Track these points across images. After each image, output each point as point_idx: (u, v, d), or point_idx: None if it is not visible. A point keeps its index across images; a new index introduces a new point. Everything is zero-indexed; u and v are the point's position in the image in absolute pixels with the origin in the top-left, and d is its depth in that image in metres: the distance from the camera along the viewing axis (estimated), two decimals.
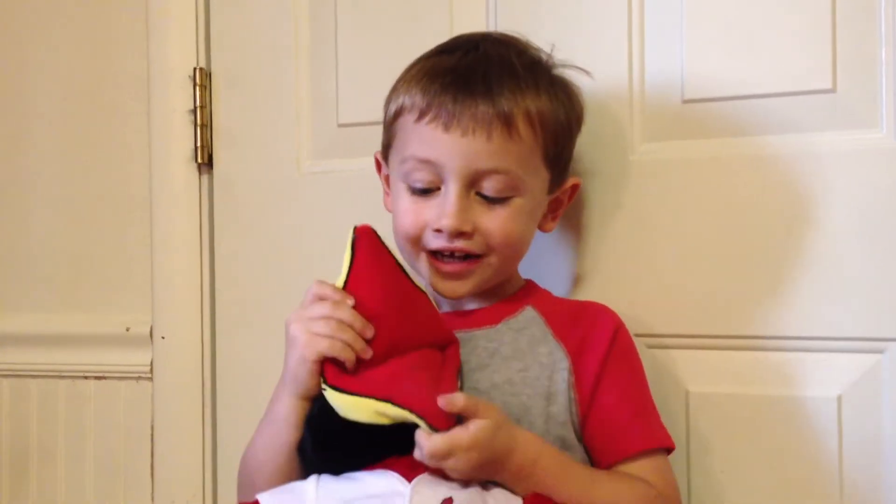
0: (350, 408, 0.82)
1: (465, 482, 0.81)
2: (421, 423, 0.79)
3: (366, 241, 0.88)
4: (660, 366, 1.06)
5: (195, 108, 1.31)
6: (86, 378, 1.40)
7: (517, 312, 0.97)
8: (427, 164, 0.92)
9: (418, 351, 0.87)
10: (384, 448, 0.83)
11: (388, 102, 0.98)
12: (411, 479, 0.80)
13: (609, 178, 1.08)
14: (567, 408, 0.91)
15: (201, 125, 1.31)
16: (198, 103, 1.31)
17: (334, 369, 0.84)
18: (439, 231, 0.92)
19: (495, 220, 0.93)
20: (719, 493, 1.04)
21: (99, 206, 1.41)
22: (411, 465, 0.81)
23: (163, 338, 1.34)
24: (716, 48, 1.04)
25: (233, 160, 1.31)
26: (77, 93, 1.41)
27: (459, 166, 0.91)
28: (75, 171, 1.42)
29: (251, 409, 0.96)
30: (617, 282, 1.08)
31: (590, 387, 0.92)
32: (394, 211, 0.98)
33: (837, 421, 1.00)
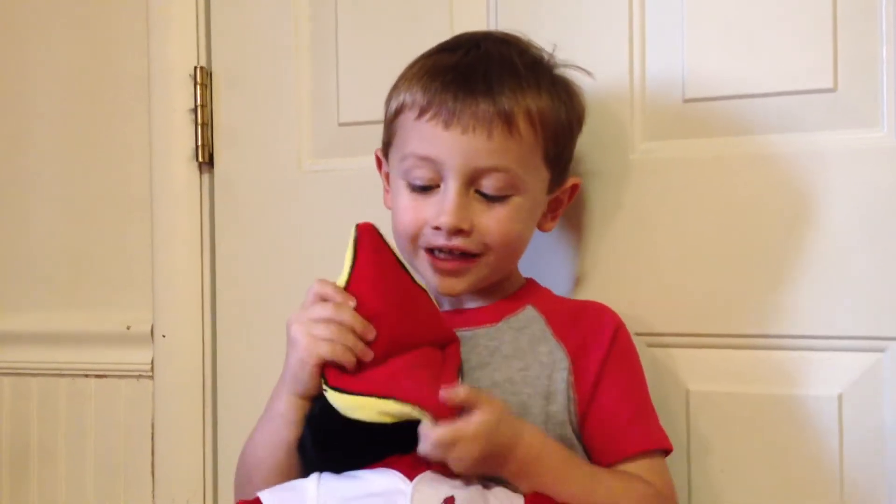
0: (352, 407, 0.82)
1: (466, 480, 0.81)
2: (424, 416, 0.79)
3: (367, 239, 0.88)
4: (660, 365, 1.06)
5: (196, 106, 1.31)
6: (86, 376, 1.40)
7: (518, 311, 0.97)
8: (427, 161, 0.92)
9: (419, 349, 0.87)
10: (385, 447, 0.82)
11: (389, 100, 0.98)
12: (413, 478, 0.80)
13: (610, 178, 1.08)
14: (566, 407, 0.91)
15: (202, 124, 1.31)
16: (198, 102, 1.31)
17: (335, 371, 0.84)
18: (438, 228, 0.92)
19: (494, 219, 0.93)
20: (720, 492, 1.04)
21: (100, 205, 1.41)
22: (413, 463, 0.81)
23: (163, 336, 1.34)
24: (717, 47, 1.04)
25: (233, 159, 1.31)
26: (77, 92, 1.41)
27: (459, 164, 0.91)
28: (76, 170, 1.42)
29: (252, 407, 0.96)
30: (617, 281, 1.08)
31: (589, 386, 0.92)
32: (393, 208, 0.98)
33: (838, 420, 1.00)
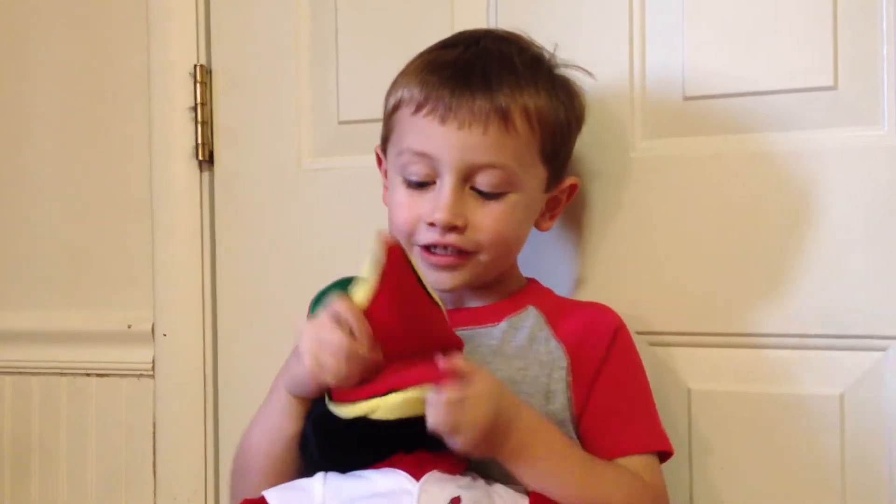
0: (355, 413, 0.81)
1: (472, 479, 0.81)
2: (427, 390, 0.78)
3: (394, 263, 0.83)
4: (661, 364, 1.06)
5: (196, 105, 1.31)
6: (87, 375, 1.40)
7: (519, 311, 0.97)
8: (423, 156, 0.92)
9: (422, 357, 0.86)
10: (388, 446, 0.82)
11: (388, 96, 0.98)
12: (419, 478, 0.80)
13: (610, 176, 1.08)
14: (565, 407, 0.91)
15: (202, 122, 1.31)
16: (198, 100, 1.31)
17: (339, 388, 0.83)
18: (432, 225, 0.92)
19: (488, 216, 0.92)
20: (720, 491, 1.04)
21: (100, 204, 1.40)
22: (418, 463, 0.81)
23: (164, 335, 1.34)
24: (717, 45, 1.04)
25: (234, 157, 1.31)
26: (77, 91, 1.41)
27: (454, 159, 0.91)
28: (76, 168, 1.42)
29: (253, 406, 0.96)
30: (618, 280, 1.08)
31: (587, 387, 0.92)
32: (389, 204, 0.98)
33: (839, 419, 1.00)
